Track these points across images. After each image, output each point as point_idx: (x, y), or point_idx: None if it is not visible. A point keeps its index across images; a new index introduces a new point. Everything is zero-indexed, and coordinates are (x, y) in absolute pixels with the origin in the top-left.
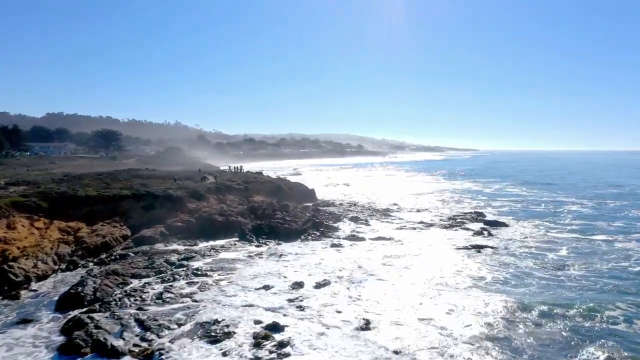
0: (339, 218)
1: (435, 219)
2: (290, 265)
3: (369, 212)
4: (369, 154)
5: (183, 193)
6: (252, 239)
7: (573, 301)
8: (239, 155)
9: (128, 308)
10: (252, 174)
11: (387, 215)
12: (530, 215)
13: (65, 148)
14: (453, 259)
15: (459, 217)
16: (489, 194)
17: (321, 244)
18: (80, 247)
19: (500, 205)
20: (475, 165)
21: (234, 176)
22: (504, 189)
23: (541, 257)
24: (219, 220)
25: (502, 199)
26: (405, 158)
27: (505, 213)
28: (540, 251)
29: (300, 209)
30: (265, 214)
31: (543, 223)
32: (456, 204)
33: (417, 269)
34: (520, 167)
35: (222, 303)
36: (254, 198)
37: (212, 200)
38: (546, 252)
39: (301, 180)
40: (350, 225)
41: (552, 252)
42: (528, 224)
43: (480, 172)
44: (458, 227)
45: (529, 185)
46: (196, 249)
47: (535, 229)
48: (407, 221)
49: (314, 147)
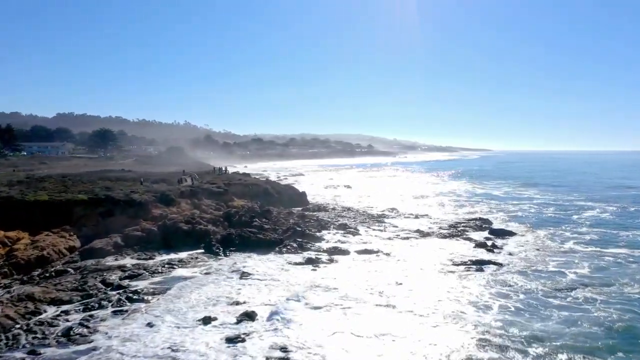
0: (326, 226)
1: (434, 226)
2: (250, 287)
3: (362, 218)
4: (379, 154)
5: (149, 197)
6: (219, 251)
7: (603, 342)
8: (245, 156)
9: (18, 350)
10: (238, 176)
11: (381, 222)
12: (542, 221)
13: (64, 148)
14: (448, 281)
15: (461, 224)
16: (498, 197)
17: (297, 258)
18: (7, 263)
19: (509, 210)
20: (486, 166)
21: (216, 178)
22: (514, 191)
23: (558, 277)
24: (184, 229)
25: (512, 202)
26: (415, 158)
27: (514, 219)
28: (557, 269)
29: (284, 215)
30: (242, 221)
31: (557, 232)
32: (460, 209)
33: (402, 297)
34: (532, 168)
35: (135, 348)
36: (234, 202)
37: (184, 205)
38: (564, 270)
39: (303, 181)
40: (336, 235)
41: (570, 269)
42: (540, 233)
43: (491, 173)
44: (459, 237)
45: (542, 187)
46: (150, 263)
47: (549, 239)
48: (402, 229)
49: (323, 147)
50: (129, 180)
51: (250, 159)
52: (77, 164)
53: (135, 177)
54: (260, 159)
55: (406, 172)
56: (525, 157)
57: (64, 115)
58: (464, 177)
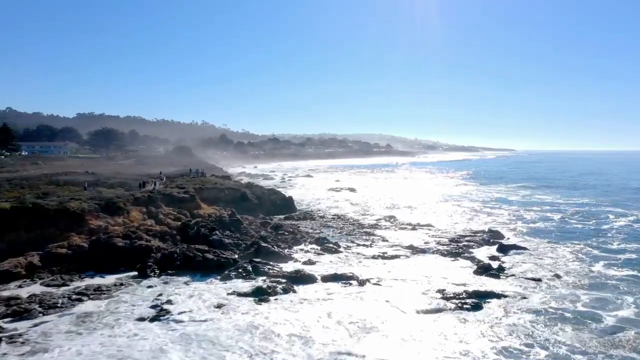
0: (302, 239)
1: (432, 241)
2: (147, 342)
3: (350, 228)
4: (398, 154)
5: (89, 206)
6: (154, 274)
7: None
8: (258, 156)
9: None
10: (214, 180)
11: (371, 234)
12: (564, 234)
13: (66, 147)
14: (433, 327)
15: (465, 237)
16: (515, 202)
17: (246, 286)
18: None
19: (526, 218)
20: (506, 166)
21: (188, 182)
22: (533, 195)
23: (590, 322)
24: (118, 246)
25: (530, 209)
26: (435, 158)
27: (530, 231)
28: (587, 308)
29: (257, 226)
30: (200, 234)
31: (583, 248)
32: (469, 217)
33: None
34: (555, 168)
35: None
36: (200, 211)
37: (136, 215)
38: (597, 310)
39: (307, 183)
40: (309, 253)
41: (607, 308)
42: (562, 250)
43: (510, 174)
44: (459, 256)
45: (564, 190)
46: (57, 293)
47: (574, 258)
48: (392, 244)
49: (340, 147)
50: (80, 184)
51: (264, 159)
52: (71, 164)
53: (97, 180)
54: (273, 158)
55: (421, 173)
56: (549, 157)
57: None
58: (481, 178)
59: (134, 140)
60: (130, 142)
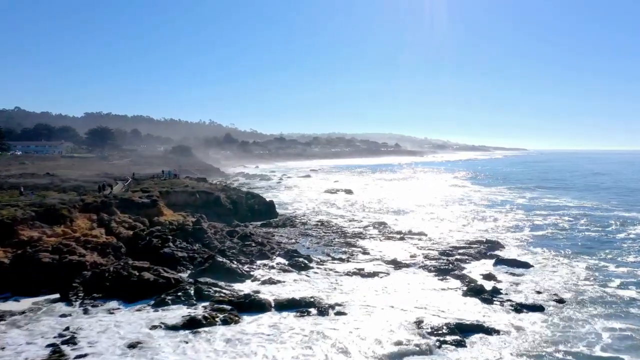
0: (270, 252)
1: (421, 253)
2: None
3: (331, 238)
4: (407, 153)
5: (23, 213)
6: (77, 297)
7: None
8: (262, 155)
9: None
10: (186, 182)
11: (352, 245)
12: (574, 243)
13: (61, 147)
14: None
15: (459, 249)
16: (521, 205)
17: (179, 314)
18: None
19: (532, 223)
20: (516, 166)
21: (155, 185)
22: (542, 197)
23: None
24: (44, 262)
25: (537, 213)
26: (443, 158)
27: (536, 240)
28: (611, 350)
29: (222, 235)
30: (151, 247)
31: (596, 261)
32: (469, 223)
33: None
34: (567, 168)
35: None
36: (162, 217)
37: (81, 223)
38: (619, 355)
39: (302, 184)
40: (273, 270)
41: (630, 351)
42: (571, 264)
43: (519, 174)
44: (448, 274)
45: (576, 191)
46: None
47: (585, 276)
48: (374, 258)
49: (347, 147)
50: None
51: (268, 158)
52: (59, 164)
53: (50, 183)
54: (278, 158)
55: (426, 173)
56: (561, 156)
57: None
58: (486, 179)
59: (136, 139)
60: (132, 141)
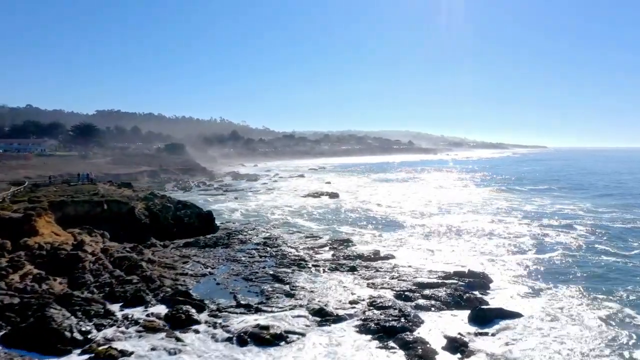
0: (148, 296)
1: (367, 296)
2: None
3: (263, 265)
4: (420, 151)
5: None
6: None
7: None
8: (267, 153)
9: None
10: (95, 189)
11: (280, 280)
12: (593, 276)
13: (44, 145)
14: None
15: (426, 287)
16: (528, 213)
17: None
18: None
19: (537, 243)
20: (531, 165)
21: (57, 191)
22: (554, 203)
23: None
24: None
25: (547, 225)
26: (458, 156)
27: (537, 268)
28: None
29: (102, 264)
30: None
31: (623, 311)
32: (453, 242)
33: None
34: (587, 168)
35: None
36: (35, 238)
37: None
38: None
39: (286, 185)
40: (130, 330)
41: None
42: (587, 318)
43: (533, 174)
44: (393, 337)
45: (595, 195)
46: None
47: (610, 341)
48: (296, 303)
49: (358, 144)
50: None
51: (273, 156)
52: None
53: None
54: (283, 156)
55: (432, 173)
56: (583, 155)
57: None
58: (496, 180)
59: (135, 137)
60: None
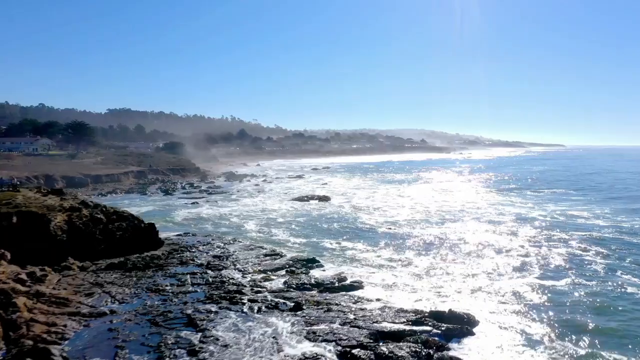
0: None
1: (298, 356)
2: None
3: (189, 300)
4: (433, 150)
5: None
6: None
7: None
8: (274, 152)
9: None
10: (13, 197)
11: (195, 326)
12: (609, 316)
13: (37, 144)
14: None
15: (388, 338)
16: (536, 223)
17: None
18: None
19: (541, 265)
20: (547, 165)
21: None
22: (569, 209)
23: None
24: None
25: (556, 238)
26: (472, 156)
27: (540, 302)
28: None
29: None
30: None
31: None
32: (444, 262)
33: None
34: (607, 168)
35: None
36: None
37: None
38: None
39: (284, 188)
40: None
41: None
42: None
43: (548, 175)
44: None
45: (615, 202)
46: None
47: None
48: None
49: (368, 143)
50: None
51: (280, 155)
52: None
53: None
54: (290, 155)
55: (439, 173)
56: (603, 153)
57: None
58: (507, 182)
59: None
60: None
